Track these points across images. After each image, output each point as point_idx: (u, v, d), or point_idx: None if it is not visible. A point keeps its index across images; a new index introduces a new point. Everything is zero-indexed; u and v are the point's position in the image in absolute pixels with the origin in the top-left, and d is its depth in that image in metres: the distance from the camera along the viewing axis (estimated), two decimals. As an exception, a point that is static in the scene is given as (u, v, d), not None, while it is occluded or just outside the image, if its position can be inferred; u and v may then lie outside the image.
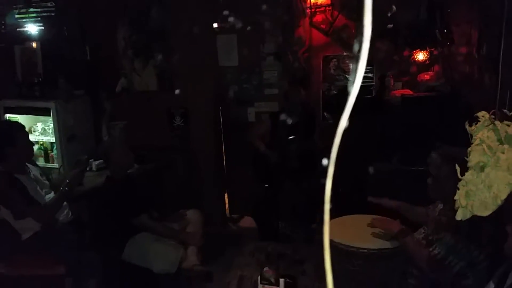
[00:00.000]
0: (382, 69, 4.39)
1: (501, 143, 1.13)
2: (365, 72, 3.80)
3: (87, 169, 3.67)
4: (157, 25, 4.28)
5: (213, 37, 4.46)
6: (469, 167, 1.18)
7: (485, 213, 1.12)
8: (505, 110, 1.25)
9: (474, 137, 1.19)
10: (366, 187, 3.58)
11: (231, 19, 4.25)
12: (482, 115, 1.23)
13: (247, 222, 4.67)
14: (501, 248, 1.90)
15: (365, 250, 2.37)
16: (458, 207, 1.20)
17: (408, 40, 4.13)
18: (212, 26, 4.46)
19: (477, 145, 1.14)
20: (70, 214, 2.97)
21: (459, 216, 1.19)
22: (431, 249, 2.12)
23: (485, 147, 1.12)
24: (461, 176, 1.19)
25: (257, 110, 4.58)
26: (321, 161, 3.08)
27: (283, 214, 4.22)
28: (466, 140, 2.36)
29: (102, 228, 2.89)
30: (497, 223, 2.13)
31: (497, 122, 1.18)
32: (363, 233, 2.51)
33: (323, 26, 4.42)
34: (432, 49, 4.06)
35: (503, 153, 1.11)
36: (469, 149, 1.20)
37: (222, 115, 4.69)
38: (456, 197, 1.19)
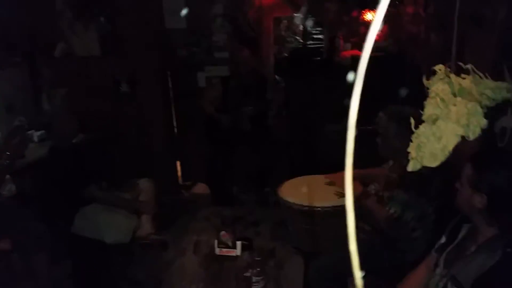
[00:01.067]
0: (332, 30, 4.40)
1: (455, 95, 1.13)
2: (315, 34, 3.80)
3: (29, 140, 3.49)
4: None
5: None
6: (423, 120, 1.18)
7: (434, 163, 1.14)
8: (460, 63, 1.26)
9: (430, 90, 1.19)
10: (320, 147, 3.62)
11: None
12: (439, 68, 1.23)
13: (201, 188, 4.61)
14: (450, 202, 1.99)
15: (319, 209, 2.40)
16: (410, 160, 1.21)
17: (357, 0, 4.12)
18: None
19: (431, 98, 1.15)
20: (14, 188, 2.81)
21: (410, 167, 1.21)
22: (387, 208, 2.17)
23: (439, 100, 1.12)
24: (415, 129, 1.19)
25: (208, 75, 4.45)
26: (272, 124, 3.09)
27: (237, 178, 4.21)
28: (415, 99, 2.41)
29: (49, 201, 2.75)
30: (444, 178, 2.22)
31: (452, 75, 1.19)
32: (316, 192, 2.54)
33: (272, -14, 4.31)
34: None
35: (454, 105, 1.12)
36: (425, 102, 1.21)
37: (171, 80, 4.53)
38: (408, 149, 1.20)
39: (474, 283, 1.45)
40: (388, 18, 4.11)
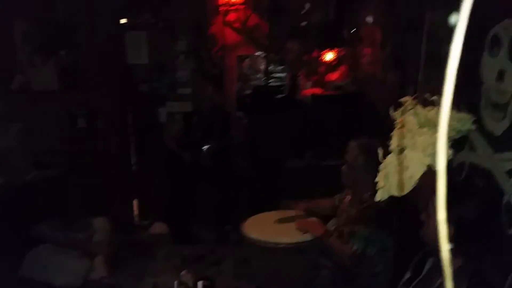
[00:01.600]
0: (293, 69, 4.49)
1: (421, 126, 1.14)
2: (277, 72, 3.83)
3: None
4: (60, 19, 3.92)
5: (122, 33, 4.20)
6: (390, 150, 1.18)
7: (401, 193, 1.13)
8: (426, 95, 1.28)
9: (396, 122, 1.20)
10: (282, 183, 3.60)
11: (141, 15, 4.06)
12: (405, 100, 1.24)
13: (158, 228, 4.44)
14: (409, 236, 1.99)
15: (283, 245, 2.34)
16: (377, 189, 1.20)
17: (317, 41, 4.26)
18: (119, 21, 4.20)
19: (398, 128, 1.15)
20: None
21: (378, 197, 1.20)
22: (350, 245, 2.14)
23: (405, 131, 1.13)
24: (383, 159, 1.18)
25: (169, 110, 4.39)
26: (234, 161, 3.04)
27: (197, 216, 4.10)
28: (372, 134, 2.46)
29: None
30: (403, 212, 2.24)
31: (418, 107, 1.20)
32: (280, 228, 2.48)
33: (236, 25, 4.39)
34: (339, 50, 4.22)
35: (421, 136, 1.12)
36: (392, 133, 1.21)
37: (132, 115, 4.44)
38: (376, 179, 1.19)
39: (442, 316, 1.42)
40: (346, 58, 4.28)
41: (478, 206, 1.43)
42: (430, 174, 1.31)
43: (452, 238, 1.32)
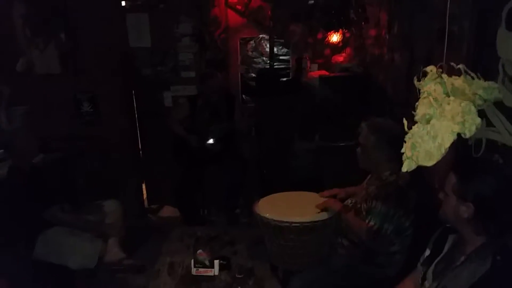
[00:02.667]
0: (298, 52, 4.47)
1: (447, 95, 1.14)
2: (282, 55, 3.83)
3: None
4: (59, 1, 3.87)
5: (123, 16, 4.15)
6: (415, 120, 1.17)
7: (430, 163, 1.13)
8: (452, 63, 1.27)
9: (421, 91, 1.19)
10: (291, 165, 3.61)
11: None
12: (430, 69, 1.23)
13: (168, 211, 4.48)
14: (426, 216, 2.00)
15: (298, 224, 2.34)
16: (404, 160, 1.19)
17: (322, 22, 4.23)
18: (121, 3, 4.15)
19: (424, 98, 1.15)
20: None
21: (404, 168, 1.19)
22: (367, 221, 2.15)
23: (432, 99, 1.12)
24: (408, 129, 1.18)
25: (174, 94, 4.37)
26: (241, 144, 3.03)
27: (206, 200, 4.11)
28: (380, 115, 2.46)
29: (9, 223, 2.55)
30: (420, 191, 2.24)
31: (444, 76, 1.20)
32: (293, 208, 2.49)
33: (239, 7, 4.36)
34: (345, 31, 4.19)
35: (448, 104, 1.12)
36: (417, 103, 1.20)
37: (136, 100, 4.42)
38: (402, 150, 1.19)
39: (466, 294, 1.43)
40: (352, 40, 4.26)
41: (498, 183, 1.42)
42: (445, 155, 1.30)
43: (472, 216, 1.33)
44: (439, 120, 1.12)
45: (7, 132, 3.15)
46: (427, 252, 1.74)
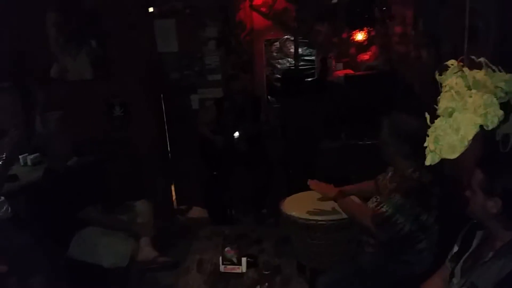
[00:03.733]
0: (322, 52, 4.47)
1: (469, 88, 1.14)
2: (307, 55, 3.84)
3: (22, 163, 3.42)
4: (89, 9, 4.01)
5: (151, 22, 4.26)
6: (438, 114, 1.18)
7: (453, 155, 1.13)
8: (473, 57, 1.27)
9: (443, 85, 1.19)
10: (317, 165, 3.61)
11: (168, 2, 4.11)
12: (451, 63, 1.24)
13: (196, 212, 4.56)
14: (453, 212, 1.97)
15: (324, 222, 2.36)
16: (427, 154, 1.20)
17: (347, 22, 4.22)
18: (148, 10, 4.27)
19: (446, 92, 1.15)
20: (9, 210, 2.73)
21: (428, 161, 1.20)
22: (378, 207, 2.13)
23: (454, 93, 1.13)
24: (430, 123, 1.19)
25: (201, 97, 4.46)
26: (268, 145, 3.06)
27: (233, 201, 4.16)
28: (408, 111, 2.44)
29: (44, 223, 2.67)
30: (444, 188, 2.22)
31: (465, 69, 1.20)
32: (319, 207, 2.50)
33: (263, 9, 4.40)
34: (370, 29, 4.18)
35: (470, 97, 1.12)
36: (439, 97, 1.21)
37: (165, 103, 4.52)
38: (425, 144, 1.19)
39: (495, 289, 1.42)
40: (377, 38, 4.23)
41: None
42: (471, 152, 1.30)
43: (500, 211, 1.31)
44: (462, 113, 1.12)
45: (43, 136, 3.29)
46: (455, 249, 1.73)
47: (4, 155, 2.44)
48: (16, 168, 3.39)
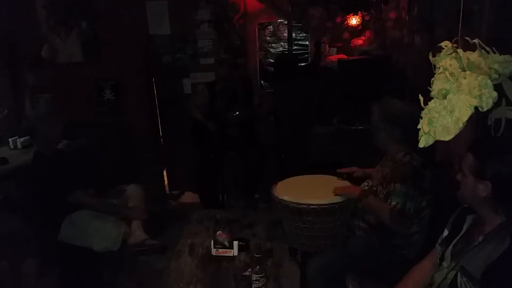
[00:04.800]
0: (316, 36, 4.43)
1: (463, 70, 1.13)
2: (300, 39, 3.80)
3: (12, 147, 3.38)
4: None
5: (142, 3, 4.19)
6: (432, 96, 1.17)
7: (447, 137, 1.13)
8: (467, 38, 1.26)
9: (437, 67, 1.18)
10: (309, 149, 3.61)
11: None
12: (445, 44, 1.22)
13: (188, 197, 4.55)
14: (443, 196, 1.98)
15: (316, 206, 2.35)
16: (420, 136, 1.19)
17: (341, 6, 4.18)
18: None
19: (439, 73, 1.14)
20: (-2, 193, 2.72)
21: (422, 143, 1.19)
22: (388, 202, 2.14)
23: (448, 74, 1.11)
24: (424, 105, 1.18)
25: (193, 81, 4.42)
26: (260, 129, 3.03)
27: (226, 185, 4.16)
28: (400, 98, 2.43)
29: (35, 206, 2.65)
30: (435, 172, 2.23)
31: (459, 50, 1.19)
32: (311, 191, 2.50)
33: (257, -8, 4.34)
34: (364, 14, 4.14)
35: (465, 78, 1.11)
36: (432, 78, 1.20)
37: (156, 87, 4.47)
38: (419, 126, 1.18)
39: (484, 272, 1.42)
40: (371, 23, 4.20)
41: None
42: (462, 135, 1.29)
43: (490, 194, 1.31)
44: (456, 95, 1.11)
45: (32, 119, 3.25)
46: (445, 233, 1.74)
47: None
48: (6, 151, 3.37)
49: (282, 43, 4.53)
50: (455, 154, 1.83)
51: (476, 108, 1.19)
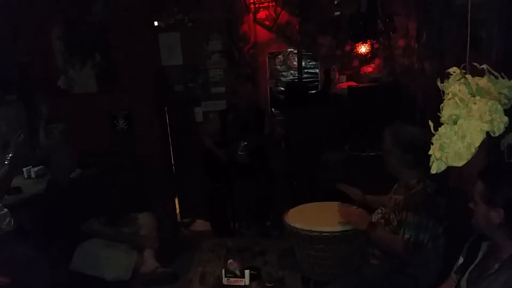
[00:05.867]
0: (326, 64, 4.49)
1: (473, 95, 1.14)
2: (310, 68, 3.85)
3: (26, 176, 3.43)
4: (94, 23, 4.06)
5: (155, 35, 4.30)
6: (442, 122, 1.17)
7: (460, 163, 1.12)
8: (475, 64, 1.27)
9: (446, 92, 1.19)
10: (320, 176, 3.60)
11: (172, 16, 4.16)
12: (453, 70, 1.24)
13: (200, 225, 4.54)
14: (458, 224, 1.95)
15: (328, 234, 2.33)
16: (432, 162, 1.19)
17: (350, 34, 4.24)
18: (153, 23, 4.31)
19: (449, 99, 1.15)
20: (12, 222, 2.73)
21: (434, 169, 1.19)
22: (401, 234, 2.10)
23: (458, 100, 1.12)
24: (434, 131, 1.18)
25: (205, 110, 4.47)
26: (272, 157, 3.02)
27: (237, 213, 4.14)
28: (412, 123, 2.43)
29: (48, 235, 2.67)
30: (450, 199, 2.20)
31: (468, 76, 1.20)
32: (323, 218, 2.48)
33: (267, 23, 4.44)
34: (373, 42, 4.19)
35: (475, 103, 1.12)
36: (442, 104, 1.20)
37: (168, 116, 4.53)
38: (430, 152, 1.18)
39: (501, 301, 1.39)
40: (380, 50, 4.24)
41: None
42: (474, 162, 1.29)
43: (503, 221, 1.30)
44: (467, 120, 1.11)
45: (46, 149, 3.30)
46: (461, 260, 1.71)
47: (10, 155, 2.46)
48: (20, 181, 3.41)
49: (292, 72, 4.60)
50: (469, 180, 1.81)
51: (488, 133, 1.19)
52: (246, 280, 2.33)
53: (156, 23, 4.34)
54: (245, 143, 3.79)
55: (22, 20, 3.95)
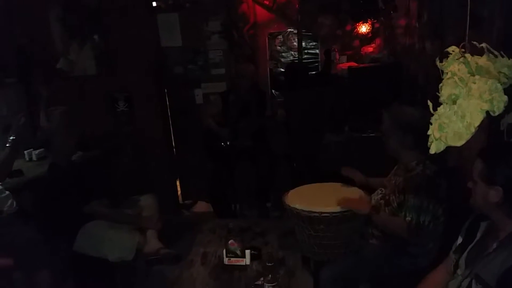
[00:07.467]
0: (326, 44, 4.45)
1: (472, 74, 1.13)
2: (310, 48, 3.82)
3: (27, 159, 3.43)
4: (93, 4, 4.01)
5: (154, 16, 4.26)
6: (441, 101, 1.17)
7: (459, 143, 1.12)
8: (474, 42, 1.26)
9: (445, 72, 1.18)
10: (321, 158, 3.60)
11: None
12: (452, 49, 1.23)
13: (202, 207, 4.57)
14: (458, 204, 1.96)
15: (328, 214, 2.34)
16: (431, 142, 1.19)
17: (351, 14, 4.20)
18: (152, 4, 4.26)
19: (448, 79, 1.14)
20: (14, 204, 2.75)
21: (433, 149, 1.19)
22: (403, 216, 2.11)
23: (457, 79, 1.11)
24: (433, 111, 1.18)
25: (205, 91, 4.46)
26: (272, 139, 3.01)
27: (238, 194, 4.17)
28: (411, 104, 2.42)
29: (50, 217, 2.68)
30: (450, 179, 2.20)
31: (467, 55, 1.19)
32: (323, 199, 2.49)
33: (266, 2, 4.39)
34: (374, 21, 4.15)
35: (474, 83, 1.11)
36: (440, 84, 1.20)
37: (169, 98, 4.52)
38: (429, 132, 1.18)
39: (499, 280, 1.41)
40: (381, 30, 4.20)
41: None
42: (473, 141, 1.29)
43: (502, 200, 1.31)
44: (466, 99, 1.11)
45: (47, 131, 3.30)
46: (460, 240, 1.72)
47: (12, 138, 2.47)
48: (21, 163, 3.42)
49: (292, 52, 4.57)
50: (468, 160, 1.82)
51: (487, 113, 1.19)
52: (247, 260, 2.36)
53: (154, 4, 4.29)
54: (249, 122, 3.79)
55: (21, 2, 3.90)
